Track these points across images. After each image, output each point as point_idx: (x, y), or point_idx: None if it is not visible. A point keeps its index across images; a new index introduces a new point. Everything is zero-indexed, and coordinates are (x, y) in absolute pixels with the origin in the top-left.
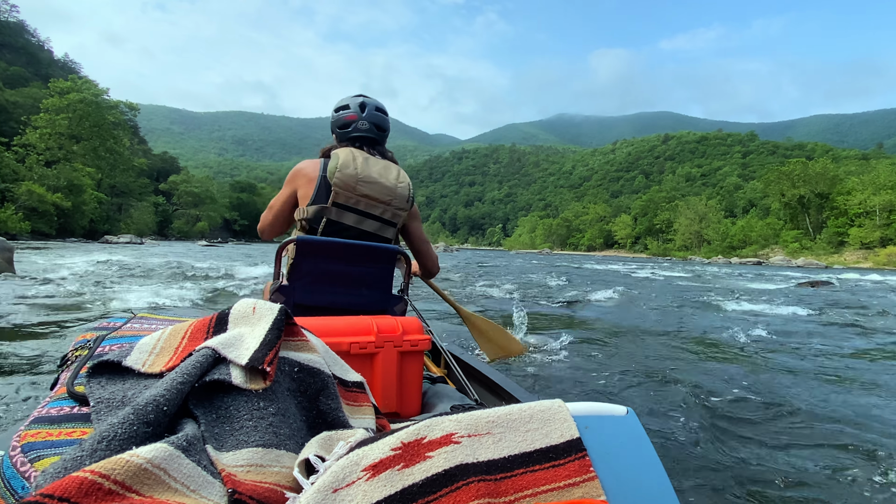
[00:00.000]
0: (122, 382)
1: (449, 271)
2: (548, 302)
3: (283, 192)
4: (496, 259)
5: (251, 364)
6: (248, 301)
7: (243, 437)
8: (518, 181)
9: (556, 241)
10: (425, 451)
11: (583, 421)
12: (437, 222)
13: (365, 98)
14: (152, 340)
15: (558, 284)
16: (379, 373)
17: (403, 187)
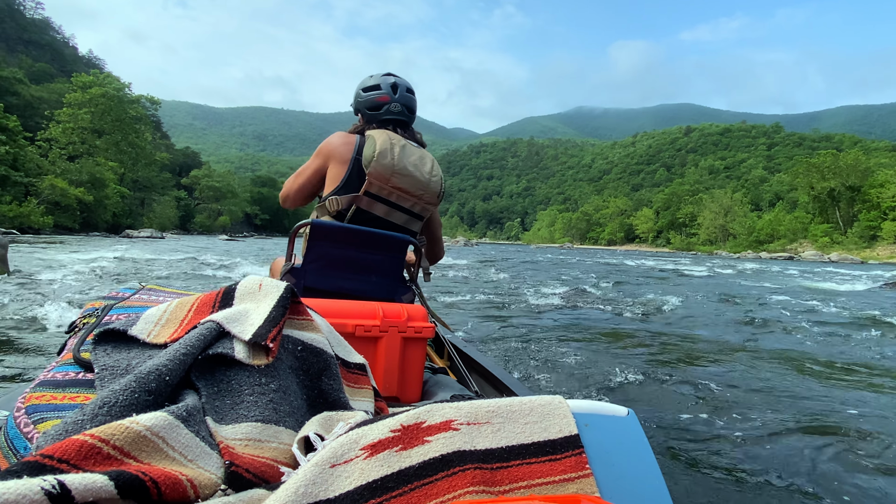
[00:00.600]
0: (126, 351)
1: (482, 269)
2: (632, 314)
3: (312, 163)
4: (520, 254)
5: (254, 340)
6: (254, 278)
7: (243, 411)
8: (536, 175)
9: (576, 236)
10: (424, 436)
11: (583, 418)
12: (455, 216)
13: (396, 78)
14: (158, 312)
15: (616, 287)
16: (382, 357)
17: (436, 181)
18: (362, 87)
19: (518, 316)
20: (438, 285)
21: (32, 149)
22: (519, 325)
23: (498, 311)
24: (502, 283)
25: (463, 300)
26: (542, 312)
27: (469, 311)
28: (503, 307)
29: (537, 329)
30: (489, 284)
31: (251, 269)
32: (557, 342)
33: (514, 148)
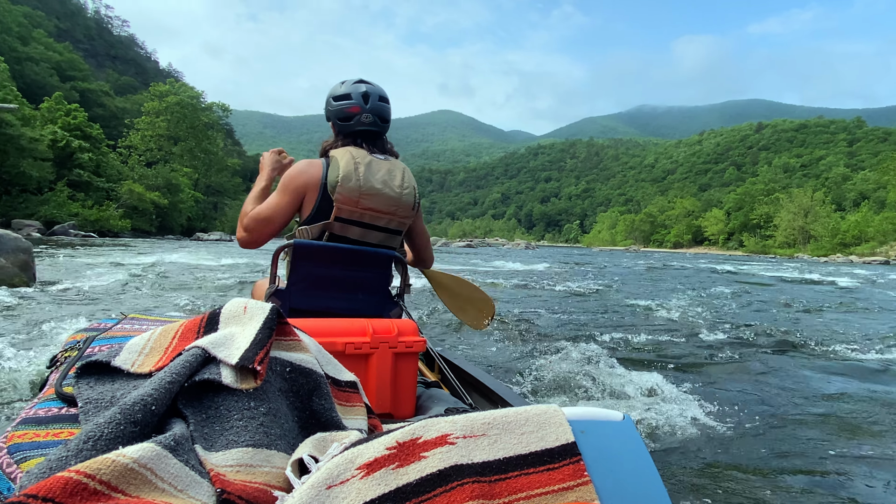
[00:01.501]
0: (111, 383)
1: (563, 275)
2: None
3: (283, 198)
4: (586, 257)
5: (241, 363)
6: (239, 300)
7: (233, 436)
8: (596, 176)
9: (639, 238)
10: (420, 451)
11: (579, 425)
12: (512, 219)
13: (368, 86)
14: (142, 341)
15: (751, 302)
16: (374, 373)
17: (409, 194)
18: (332, 96)
19: (690, 355)
20: (527, 304)
21: (114, 156)
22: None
23: (654, 342)
24: (609, 295)
25: (597, 320)
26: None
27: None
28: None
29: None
30: (597, 298)
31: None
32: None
33: (573, 149)
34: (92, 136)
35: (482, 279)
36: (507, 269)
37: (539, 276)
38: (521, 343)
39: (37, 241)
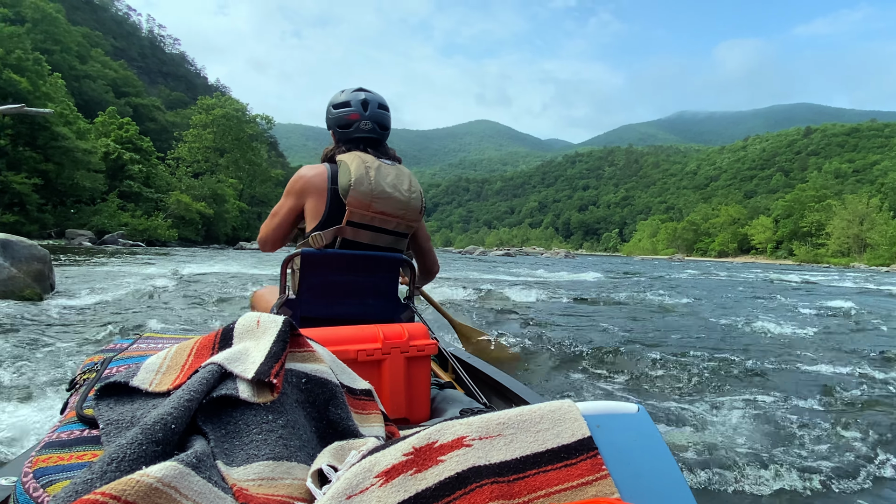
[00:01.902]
0: (130, 403)
1: (617, 287)
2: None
3: (287, 202)
4: (629, 266)
5: (258, 377)
6: (252, 315)
7: (253, 450)
8: (636, 183)
9: (682, 247)
10: (437, 455)
11: (594, 420)
12: (549, 227)
13: (367, 94)
14: (158, 360)
15: (859, 323)
16: (387, 379)
17: (416, 198)
18: (332, 104)
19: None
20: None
21: (163, 167)
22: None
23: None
24: (684, 310)
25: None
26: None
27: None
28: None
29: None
30: (674, 313)
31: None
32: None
33: (612, 156)
34: (143, 149)
35: (528, 291)
36: (553, 279)
37: (591, 288)
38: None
39: (86, 249)
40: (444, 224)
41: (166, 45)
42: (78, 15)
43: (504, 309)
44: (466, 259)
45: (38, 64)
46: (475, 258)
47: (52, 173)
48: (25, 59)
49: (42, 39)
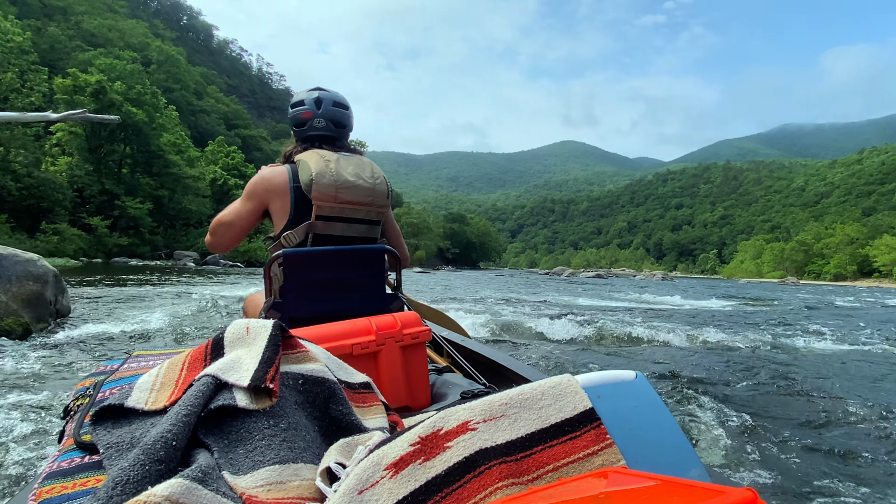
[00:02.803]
0: (128, 424)
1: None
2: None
3: (246, 205)
4: (752, 292)
5: (254, 384)
6: (240, 322)
7: (258, 457)
8: (735, 201)
9: (791, 269)
10: (443, 442)
11: (594, 391)
12: (640, 248)
13: (322, 92)
14: (151, 378)
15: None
16: (385, 370)
17: (381, 183)
18: (290, 104)
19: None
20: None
21: None
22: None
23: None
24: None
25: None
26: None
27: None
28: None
29: None
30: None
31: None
32: None
33: (707, 173)
34: (247, 175)
35: (656, 325)
36: (669, 305)
37: (734, 321)
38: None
39: (182, 269)
40: (529, 245)
41: (273, 82)
42: (197, 57)
43: (657, 359)
44: (556, 281)
45: (155, 97)
46: (565, 280)
47: (164, 198)
48: (144, 94)
49: (165, 78)
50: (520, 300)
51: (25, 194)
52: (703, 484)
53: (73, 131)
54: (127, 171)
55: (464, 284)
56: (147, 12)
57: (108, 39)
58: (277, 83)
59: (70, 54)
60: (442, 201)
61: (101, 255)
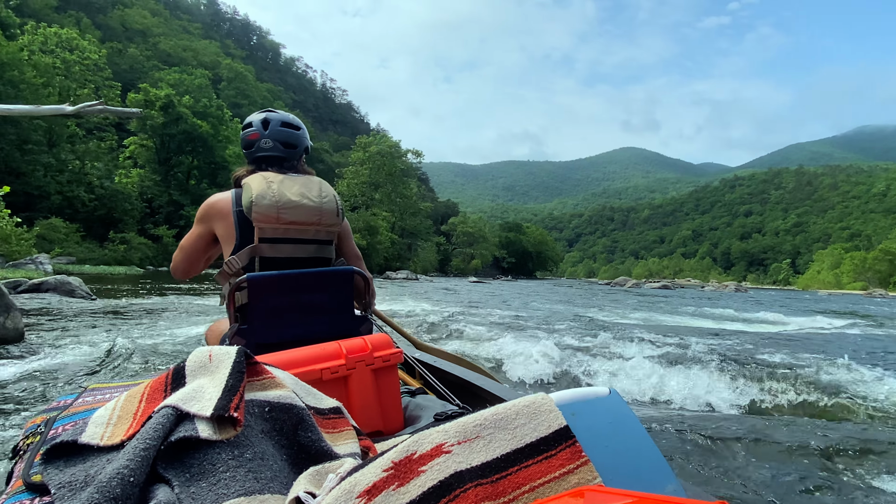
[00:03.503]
0: (82, 462)
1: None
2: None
3: (194, 230)
4: (840, 304)
5: (217, 413)
6: (203, 349)
7: (222, 489)
8: (809, 208)
9: (874, 280)
10: (417, 467)
11: (568, 408)
12: (706, 258)
13: (269, 113)
14: (107, 411)
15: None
16: (356, 394)
17: (329, 202)
18: (242, 127)
19: None
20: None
21: None
22: None
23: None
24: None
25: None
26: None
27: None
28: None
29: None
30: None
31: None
32: None
33: (778, 179)
34: None
35: (787, 354)
36: (769, 325)
37: (871, 346)
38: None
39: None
40: (588, 255)
41: (336, 97)
42: (265, 74)
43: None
44: (618, 292)
45: (221, 110)
46: (627, 291)
47: None
48: (210, 107)
49: (234, 94)
50: (591, 319)
51: (97, 205)
52: (678, 499)
53: (144, 144)
54: (194, 182)
55: (520, 295)
56: (219, 33)
57: (183, 59)
58: (340, 98)
59: (147, 73)
60: (498, 210)
61: (167, 263)
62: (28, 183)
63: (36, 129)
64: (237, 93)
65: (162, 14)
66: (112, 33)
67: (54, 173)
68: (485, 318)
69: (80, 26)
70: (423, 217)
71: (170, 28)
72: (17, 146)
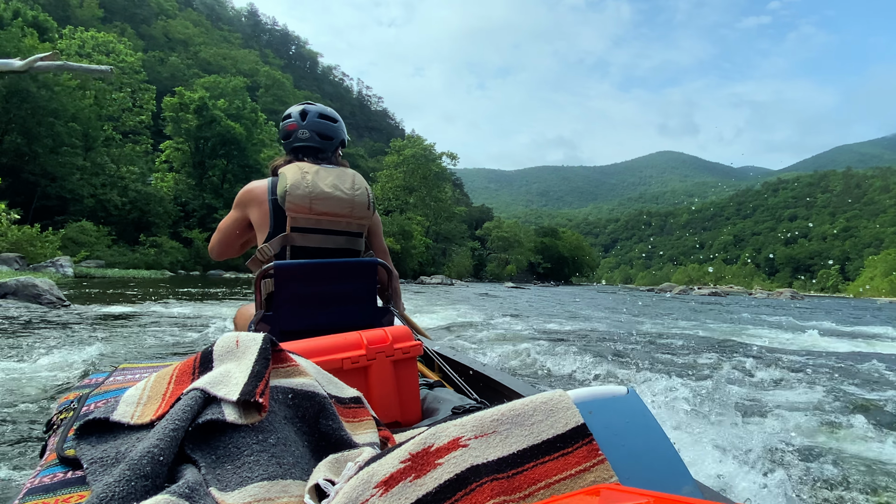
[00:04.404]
0: (113, 439)
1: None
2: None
3: (231, 214)
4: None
5: (243, 398)
6: (230, 335)
7: (247, 473)
8: (859, 212)
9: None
10: (434, 459)
11: (586, 406)
12: (749, 263)
13: (308, 105)
14: (137, 391)
15: None
16: (375, 384)
17: (361, 194)
18: (281, 118)
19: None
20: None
21: None
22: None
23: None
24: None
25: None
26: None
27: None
28: None
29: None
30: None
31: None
32: None
33: (825, 182)
34: None
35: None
36: (889, 344)
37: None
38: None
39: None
40: (624, 260)
41: (372, 104)
42: (303, 82)
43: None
44: (668, 300)
45: (255, 113)
46: (675, 298)
47: None
48: (243, 109)
49: (272, 101)
50: (658, 333)
51: (131, 208)
52: (696, 501)
53: (180, 148)
54: (228, 185)
55: (564, 303)
56: (259, 43)
57: (222, 67)
58: (376, 105)
59: (188, 81)
60: (532, 216)
61: (200, 267)
62: (63, 186)
63: (72, 132)
64: (275, 99)
65: (203, 24)
66: (154, 43)
67: (88, 176)
68: (556, 335)
69: (125, 35)
70: (458, 221)
71: (211, 38)
72: (52, 149)
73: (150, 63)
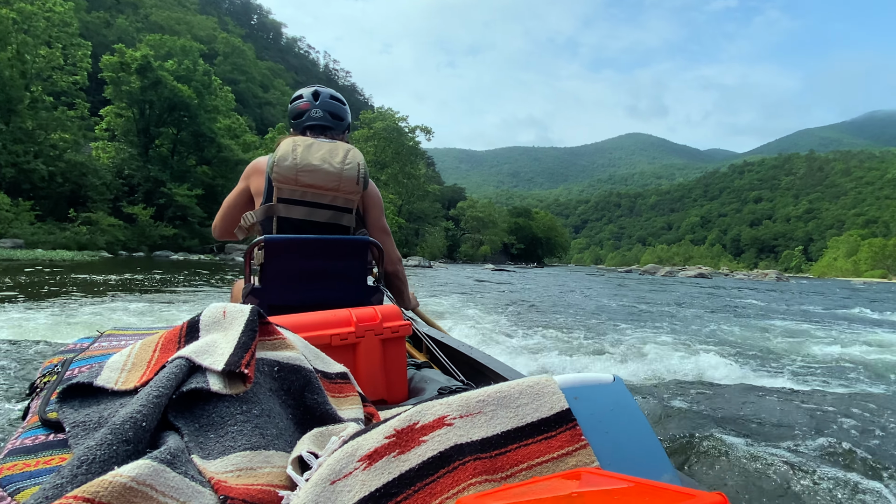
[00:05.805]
0: (96, 404)
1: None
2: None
3: (236, 188)
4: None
5: (228, 368)
6: (217, 305)
7: (229, 442)
8: (821, 194)
9: (892, 267)
10: (419, 436)
11: (571, 392)
12: (716, 244)
13: (320, 87)
14: (122, 357)
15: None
16: (363, 362)
17: (351, 168)
18: (290, 100)
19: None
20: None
21: None
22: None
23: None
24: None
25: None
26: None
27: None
28: None
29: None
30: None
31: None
32: None
33: (789, 164)
34: None
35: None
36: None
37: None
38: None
39: (229, 265)
40: (594, 241)
41: (339, 78)
42: (266, 53)
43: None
44: (659, 282)
45: (207, 76)
46: (660, 280)
47: (217, 186)
48: (194, 71)
49: (230, 70)
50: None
51: (61, 180)
52: (674, 487)
53: (122, 114)
54: (178, 157)
55: (551, 286)
56: (218, 10)
57: (176, 32)
58: (344, 79)
59: (136, 46)
60: (503, 197)
61: (145, 247)
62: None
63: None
64: (234, 68)
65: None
66: (99, 2)
67: (9, 143)
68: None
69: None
70: (432, 200)
71: (163, 0)
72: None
73: (94, 26)
